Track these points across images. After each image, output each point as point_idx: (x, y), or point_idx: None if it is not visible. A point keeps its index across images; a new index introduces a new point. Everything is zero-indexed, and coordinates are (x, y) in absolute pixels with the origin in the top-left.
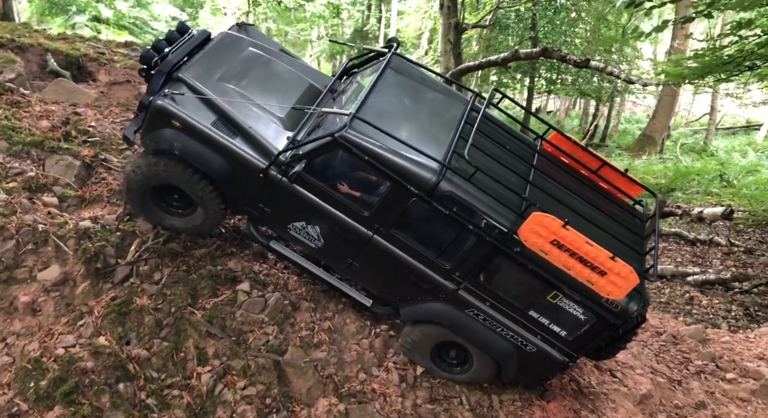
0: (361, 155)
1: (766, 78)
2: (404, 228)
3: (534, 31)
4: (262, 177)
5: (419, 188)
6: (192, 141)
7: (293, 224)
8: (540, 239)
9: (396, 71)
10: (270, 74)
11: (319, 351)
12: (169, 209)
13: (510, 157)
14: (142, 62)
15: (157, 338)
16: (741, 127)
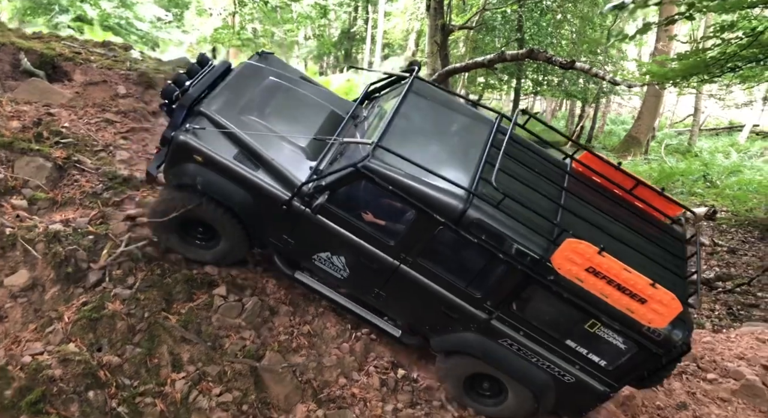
0: (385, 185)
1: (748, 80)
2: (432, 257)
3: (520, 32)
4: (285, 209)
5: (446, 217)
6: (214, 175)
7: (318, 255)
8: (575, 266)
9: (418, 95)
10: (291, 103)
11: (297, 356)
12: (193, 242)
13: (539, 180)
14: (163, 97)
15: (130, 344)
16: (724, 129)
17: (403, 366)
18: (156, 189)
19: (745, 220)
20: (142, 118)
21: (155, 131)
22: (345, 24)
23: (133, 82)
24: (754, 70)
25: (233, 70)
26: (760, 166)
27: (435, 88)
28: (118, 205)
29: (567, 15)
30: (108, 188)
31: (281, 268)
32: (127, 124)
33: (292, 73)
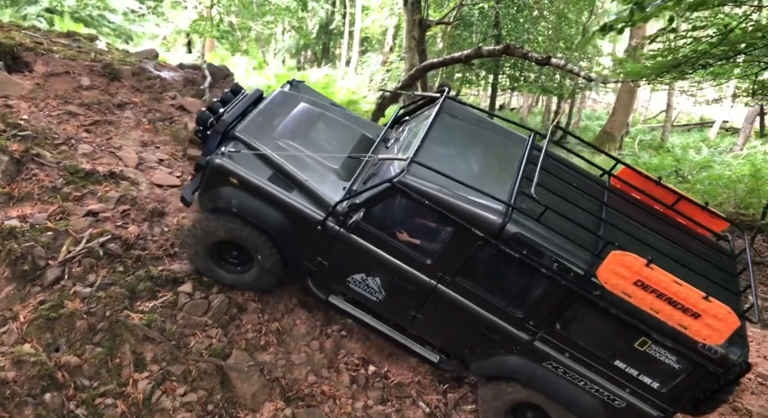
0: (421, 200)
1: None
2: (470, 276)
3: (497, 28)
4: (319, 229)
5: (485, 231)
6: (249, 197)
7: (353, 277)
8: (622, 280)
9: (450, 115)
10: (323, 127)
11: (265, 354)
12: (227, 266)
13: (578, 195)
14: (198, 124)
15: (90, 343)
16: (695, 125)
17: (374, 362)
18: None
19: None
20: (106, 111)
21: (120, 124)
22: (323, 20)
23: (98, 74)
24: (724, 67)
25: (265, 98)
26: (729, 161)
27: (466, 108)
28: (79, 200)
29: (543, 11)
30: (68, 183)
31: (314, 292)
32: (91, 116)
33: (323, 100)
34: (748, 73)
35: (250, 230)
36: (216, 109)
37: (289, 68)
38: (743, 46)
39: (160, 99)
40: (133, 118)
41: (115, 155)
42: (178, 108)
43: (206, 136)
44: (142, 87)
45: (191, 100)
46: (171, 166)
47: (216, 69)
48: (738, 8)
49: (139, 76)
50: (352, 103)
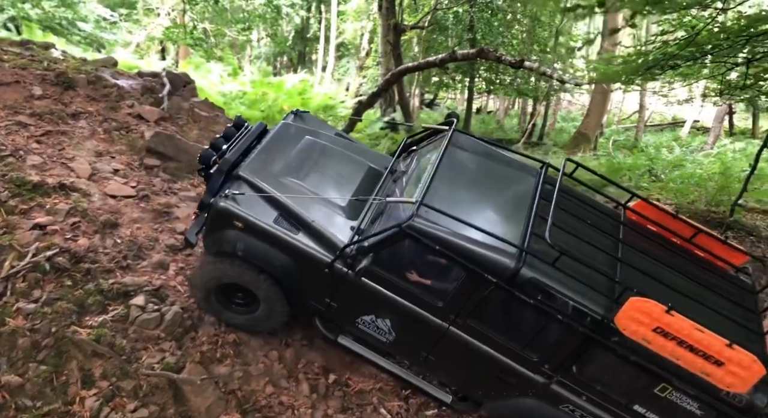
0: (432, 245)
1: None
2: (483, 318)
3: (472, 32)
4: (327, 272)
5: (498, 276)
6: (255, 240)
7: (362, 318)
8: (641, 327)
9: (458, 147)
10: (328, 162)
11: (222, 366)
12: (233, 308)
13: (594, 233)
14: (200, 162)
15: (34, 361)
16: (668, 124)
17: (335, 371)
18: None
19: (687, 212)
20: (59, 121)
21: (74, 134)
22: (298, 25)
23: (51, 83)
24: (692, 68)
25: (269, 132)
26: (701, 160)
27: (475, 140)
28: (25, 213)
29: (517, 15)
30: (15, 195)
31: (322, 332)
32: (43, 127)
33: (328, 130)
34: (715, 74)
35: (257, 274)
36: (219, 146)
37: (265, 74)
38: (710, 47)
39: (117, 108)
40: (88, 127)
41: (67, 166)
42: (135, 117)
43: (209, 175)
44: (98, 96)
45: (149, 108)
46: (126, 177)
47: (176, 76)
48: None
49: (95, 84)
50: (329, 108)
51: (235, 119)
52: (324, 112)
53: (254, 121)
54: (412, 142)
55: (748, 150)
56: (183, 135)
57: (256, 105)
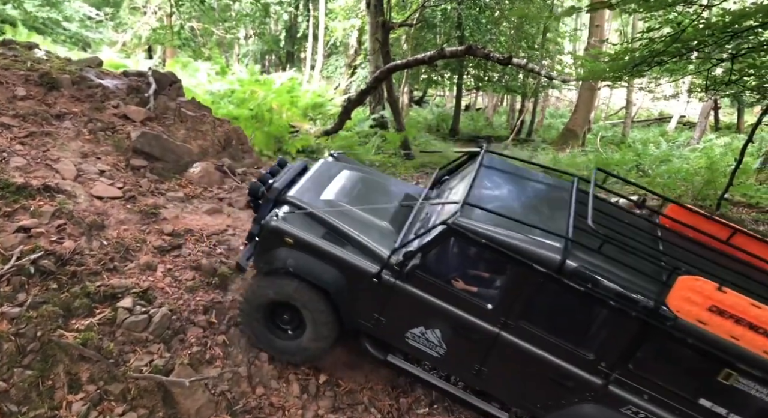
0: (478, 240)
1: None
2: (534, 318)
3: (460, 29)
4: (375, 282)
5: (545, 268)
6: (304, 256)
7: (411, 332)
8: (695, 307)
9: (491, 167)
10: (368, 189)
11: (211, 368)
12: (278, 332)
13: (632, 231)
14: (250, 194)
15: (19, 366)
16: (655, 120)
17: (325, 371)
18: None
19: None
20: (43, 122)
21: (58, 135)
22: (287, 23)
23: (35, 84)
24: (678, 64)
25: (310, 167)
26: (687, 154)
27: (507, 160)
28: (9, 215)
29: (505, 12)
30: None
31: (371, 352)
32: (26, 128)
33: (363, 168)
34: (701, 70)
35: (307, 290)
36: (266, 180)
37: (252, 73)
38: (695, 43)
39: (102, 108)
40: (73, 128)
41: (52, 168)
42: (121, 117)
43: (258, 206)
44: (82, 96)
45: (135, 108)
46: (113, 178)
47: (162, 76)
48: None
49: (79, 85)
50: (318, 106)
51: (278, 160)
52: (313, 111)
53: (243, 119)
54: (443, 173)
55: (734, 144)
56: (170, 135)
57: (245, 104)
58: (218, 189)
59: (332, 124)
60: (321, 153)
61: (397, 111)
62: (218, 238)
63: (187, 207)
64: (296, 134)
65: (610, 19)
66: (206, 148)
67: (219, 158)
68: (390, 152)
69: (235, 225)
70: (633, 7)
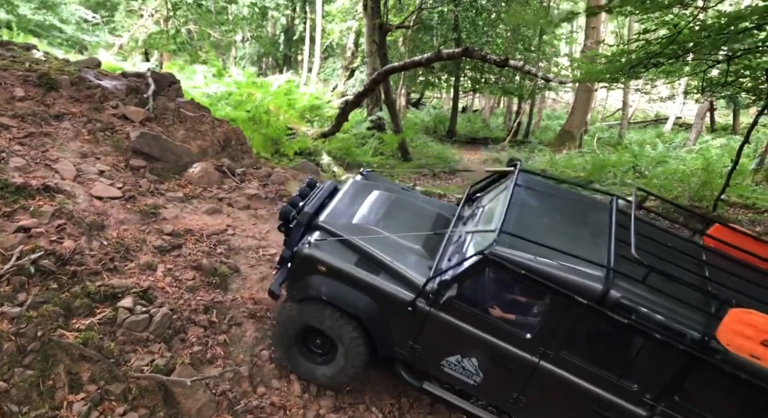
0: (517, 270)
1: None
2: (575, 348)
3: (457, 31)
4: (410, 310)
5: (587, 299)
6: (338, 284)
7: (447, 360)
8: (747, 340)
9: (525, 186)
10: (399, 210)
11: (212, 367)
12: (312, 357)
13: (676, 256)
14: (281, 218)
15: (20, 366)
16: (651, 121)
17: None
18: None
19: (671, 207)
20: (42, 122)
21: (58, 135)
22: (284, 26)
23: (33, 84)
24: (675, 65)
25: (340, 188)
26: (683, 156)
27: (541, 179)
28: (9, 215)
29: (501, 14)
30: None
31: (407, 379)
32: (25, 128)
33: (394, 185)
34: (697, 71)
35: (339, 317)
36: (296, 203)
37: (249, 75)
38: (691, 45)
39: (101, 109)
40: (72, 129)
41: (51, 168)
42: (120, 117)
43: (289, 230)
44: (81, 97)
45: (134, 109)
46: (112, 178)
47: (160, 76)
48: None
49: (78, 85)
50: (316, 108)
51: (308, 180)
52: (310, 113)
53: (241, 121)
54: (475, 190)
55: (730, 145)
56: (169, 135)
57: (242, 106)
58: (218, 189)
59: (330, 126)
60: (319, 155)
61: (394, 113)
62: (218, 238)
63: (186, 207)
64: (294, 136)
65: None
66: (205, 148)
67: (218, 159)
68: (388, 154)
69: (235, 225)
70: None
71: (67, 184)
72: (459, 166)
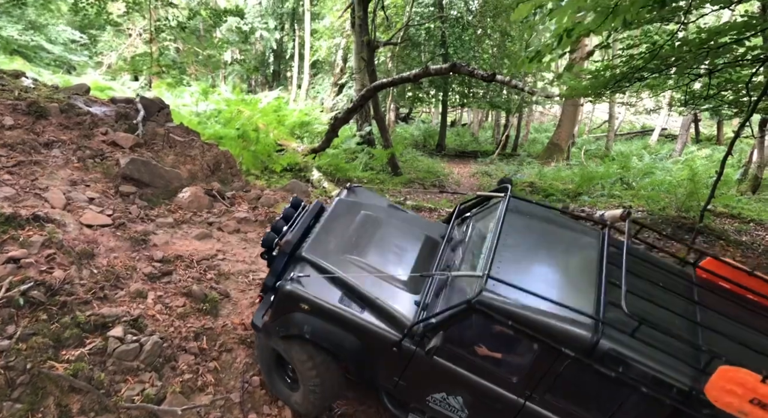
0: (504, 320)
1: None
2: (561, 393)
3: (444, 47)
4: (395, 350)
5: (575, 350)
6: (321, 322)
7: (432, 396)
8: (735, 398)
9: (514, 213)
10: (386, 235)
11: (203, 395)
12: (287, 383)
13: (667, 296)
14: (263, 245)
15: (8, 400)
16: (637, 133)
17: None
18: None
19: (659, 218)
20: (31, 151)
21: (47, 164)
22: (272, 43)
23: (22, 112)
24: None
25: (326, 209)
26: (670, 166)
27: (531, 204)
28: None
29: (487, 30)
30: None
31: (391, 409)
32: (15, 157)
33: (381, 202)
34: (680, 84)
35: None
36: (279, 228)
37: (237, 93)
38: (673, 59)
39: (91, 136)
40: (62, 156)
41: (41, 197)
42: (109, 144)
43: (272, 258)
44: (71, 124)
45: (123, 135)
46: (102, 205)
47: (149, 102)
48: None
49: (67, 112)
50: (305, 124)
51: (293, 200)
52: (300, 129)
53: (230, 139)
54: (465, 208)
55: (714, 156)
56: (159, 160)
57: (231, 123)
58: (208, 213)
59: (320, 142)
60: (309, 171)
61: (383, 128)
62: (208, 263)
63: (176, 232)
64: (283, 153)
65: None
66: (195, 172)
67: (208, 182)
68: (378, 168)
69: (225, 249)
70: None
71: (56, 212)
72: (449, 180)
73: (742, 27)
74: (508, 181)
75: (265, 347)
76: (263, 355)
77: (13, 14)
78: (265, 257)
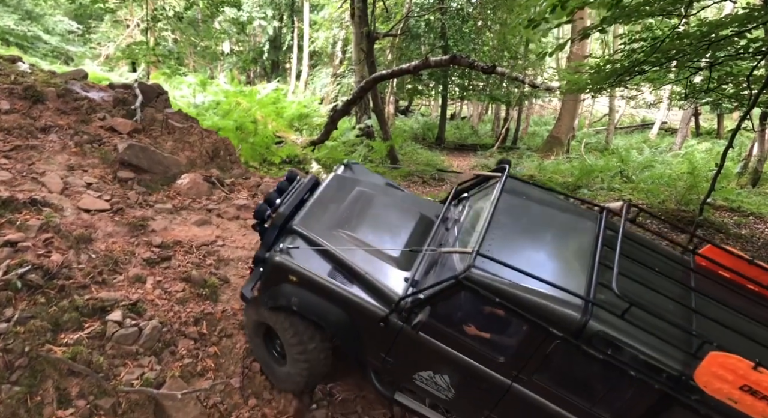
0: (491, 297)
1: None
2: (549, 375)
3: (444, 39)
4: (382, 325)
5: (564, 330)
6: (309, 294)
7: (419, 374)
8: (725, 384)
9: (511, 193)
10: (380, 212)
11: (203, 380)
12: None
13: (662, 281)
14: (255, 217)
15: (6, 383)
16: (637, 126)
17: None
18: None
19: (658, 211)
20: (28, 135)
21: (44, 148)
22: (270, 36)
23: (19, 97)
24: (658, 73)
25: (321, 184)
26: (670, 160)
27: (528, 186)
28: None
29: (488, 22)
30: None
31: (378, 389)
32: (11, 141)
33: (378, 180)
34: (680, 78)
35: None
36: (272, 200)
37: (235, 84)
38: (674, 53)
39: (88, 121)
40: (59, 141)
41: (38, 181)
42: (107, 129)
43: (264, 230)
44: (68, 109)
45: (122, 120)
46: (100, 190)
47: (148, 88)
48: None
49: (65, 97)
50: (304, 116)
51: (287, 173)
52: (299, 121)
53: (228, 131)
54: (462, 189)
55: (714, 150)
56: (157, 146)
57: (230, 115)
58: (207, 200)
59: (319, 134)
60: (308, 163)
61: (383, 120)
62: (207, 249)
63: (175, 219)
64: (282, 145)
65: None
66: (194, 159)
67: (207, 169)
68: (377, 161)
69: (224, 236)
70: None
71: (54, 197)
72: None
73: (744, 19)
74: (506, 162)
75: (253, 319)
76: (251, 327)
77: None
78: (258, 229)
